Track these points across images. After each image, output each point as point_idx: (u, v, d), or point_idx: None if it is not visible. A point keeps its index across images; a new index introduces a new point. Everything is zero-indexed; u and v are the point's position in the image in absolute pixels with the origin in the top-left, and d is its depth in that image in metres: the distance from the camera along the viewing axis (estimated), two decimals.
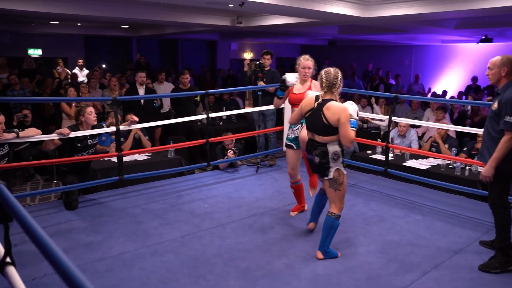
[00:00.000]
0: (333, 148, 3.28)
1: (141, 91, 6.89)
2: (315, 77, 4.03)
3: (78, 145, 4.50)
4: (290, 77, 4.16)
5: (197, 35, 14.28)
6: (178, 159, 5.76)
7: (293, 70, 7.51)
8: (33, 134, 4.23)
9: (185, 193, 4.97)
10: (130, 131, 5.81)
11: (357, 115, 3.25)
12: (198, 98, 7.51)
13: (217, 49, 17.02)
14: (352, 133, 3.16)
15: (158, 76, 8.42)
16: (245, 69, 6.61)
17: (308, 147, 3.42)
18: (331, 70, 3.31)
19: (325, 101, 3.24)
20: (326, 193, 3.44)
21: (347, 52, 17.17)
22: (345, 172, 3.34)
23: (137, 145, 5.85)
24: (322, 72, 3.32)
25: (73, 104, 6.46)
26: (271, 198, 4.84)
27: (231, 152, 6.00)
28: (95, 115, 4.62)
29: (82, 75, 10.03)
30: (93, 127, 4.63)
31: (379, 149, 6.10)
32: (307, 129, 3.42)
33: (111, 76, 8.73)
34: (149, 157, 5.65)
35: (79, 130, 4.50)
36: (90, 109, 4.54)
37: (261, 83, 6.20)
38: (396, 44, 15.62)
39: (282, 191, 5.10)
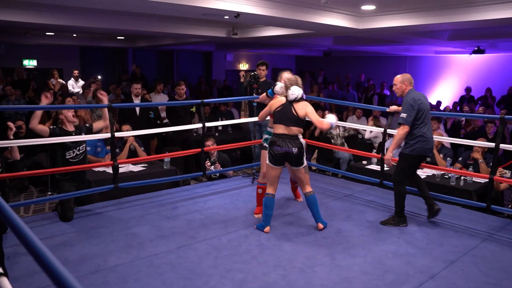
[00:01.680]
0: (302, 141, 4.07)
1: (137, 102, 6.90)
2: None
3: (70, 143, 4.49)
4: (278, 87, 4.52)
5: (193, 46, 14.36)
6: (174, 170, 5.75)
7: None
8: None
9: (181, 205, 4.95)
10: (125, 142, 5.82)
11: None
12: (194, 109, 7.52)
13: (213, 60, 17.11)
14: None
15: (157, 86, 8.44)
16: (241, 80, 6.63)
17: (280, 142, 3.99)
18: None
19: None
20: (301, 179, 4.17)
21: (342, 63, 17.30)
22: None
23: (133, 156, 5.85)
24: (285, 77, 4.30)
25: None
26: None
27: (209, 163, 6.03)
28: (73, 112, 4.61)
29: (77, 86, 10.03)
30: (78, 127, 4.61)
31: (374, 160, 6.13)
32: (277, 123, 4.05)
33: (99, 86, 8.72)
34: (144, 168, 5.64)
35: (63, 128, 4.48)
36: (65, 110, 4.58)
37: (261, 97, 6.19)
38: (391, 55, 15.77)
39: (277, 202, 5.09)
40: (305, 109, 4.02)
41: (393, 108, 5.03)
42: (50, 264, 1.05)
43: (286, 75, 4.47)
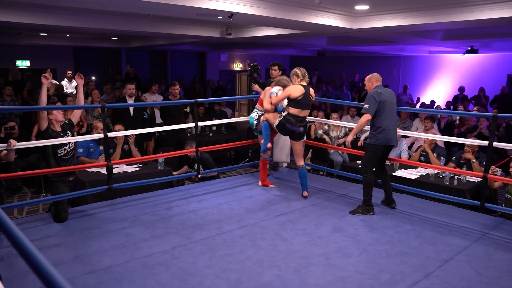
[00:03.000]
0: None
1: (131, 102, 6.88)
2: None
3: (57, 134, 4.45)
4: (274, 89, 5.31)
5: (187, 46, 14.34)
6: (168, 170, 5.73)
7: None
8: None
9: (175, 205, 4.94)
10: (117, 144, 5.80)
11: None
12: (188, 109, 7.51)
13: (207, 60, 17.09)
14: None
15: (152, 87, 8.42)
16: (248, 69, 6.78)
17: (296, 123, 4.97)
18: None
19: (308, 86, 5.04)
20: (299, 152, 5.18)
21: (336, 63, 17.34)
22: None
23: (127, 157, 5.82)
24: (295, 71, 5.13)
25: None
26: (262, 209, 4.83)
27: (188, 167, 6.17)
28: (62, 112, 4.58)
29: (71, 86, 9.99)
30: (63, 125, 4.57)
31: None
32: (302, 108, 4.97)
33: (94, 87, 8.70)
34: (138, 168, 5.62)
35: (53, 129, 4.45)
36: (55, 111, 4.56)
37: (256, 86, 6.28)
38: (385, 55, 15.82)
39: (272, 201, 5.10)
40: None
41: None
42: (40, 266, 1.04)
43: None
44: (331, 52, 15.91)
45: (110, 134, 4.80)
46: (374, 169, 4.71)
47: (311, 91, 5.08)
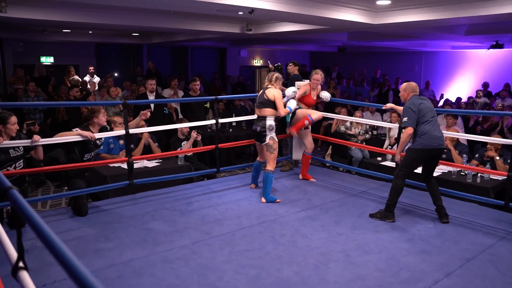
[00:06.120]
0: (269, 122, 4.93)
1: (151, 98, 6.95)
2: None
3: (92, 142, 4.53)
4: (288, 91, 5.49)
5: (207, 42, 14.37)
6: (188, 165, 5.78)
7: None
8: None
9: (195, 200, 4.97)
10: (140, 138, 5.86)
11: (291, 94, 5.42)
12: (208, 105, 7.54)
13: (227, 56, 17.09)
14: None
15: (172, 82, 8.47)
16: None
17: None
18: (271, 73, 5.17)
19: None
20: (264, 156, 5.06)
21: (357, 59, 17.14)
22: (276, 140, 4.96)
23: (147, 152, 5.88)
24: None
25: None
26: (281, 205, 4.83)
27: (195, 132, 6.12)
28: (105, 117, 4.73)
29: (93, 82, 10.11)
30: (101, 130, 4.68)
31: (389, 156, 6.07)
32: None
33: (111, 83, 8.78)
34: (159, 164, 5.68)
35: (90, 131, 4.54)
36: (104, 112, 4.70)
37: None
38: (406, 51, 15.56)
39: (291, 198, 5.09)
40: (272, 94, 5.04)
41: (389, 105, 5.25)
42: (66, 258, 1.06)
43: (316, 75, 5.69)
44: (352, 48, 15.73)
45: (131, 131, 4.85)
46: (408, 175, 4.45)
47: (266, 91, 5.02)
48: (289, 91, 5.47)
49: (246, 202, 4.94)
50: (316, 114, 5.62)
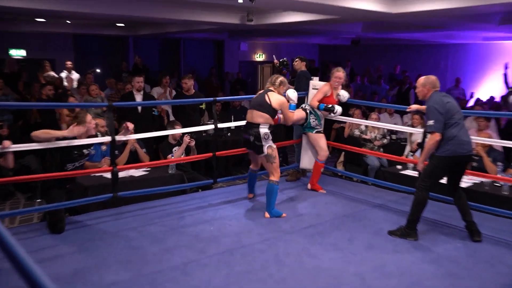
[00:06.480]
0: (263, 130, 4.86)
1: (139, 98, 6.93)
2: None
3: (75, 152, 4.50)
4: (291, 95, 5.51)
5: (202, 34, 14.43)
6: (180, 175, 5.77)
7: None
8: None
9: (188, 214, 4.96)
10: (125, 143, 5.85)
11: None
12: (203, 106, 7.54)
13: (225, 50, 17.15)
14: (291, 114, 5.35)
15: (162, 80, 8.47)
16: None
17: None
18: (275, 76, 5.18)
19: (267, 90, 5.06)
20: (258, 163, 5.19)
21: (373, 53, 17.16)
22: (274, 147, 4.91)
23: (134, 159, 5.88)
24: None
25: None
26: (286, 220, 4.82)
27: (188, 137, 6.06)
28: (94, 124, 4.67)
29: (72, 79, 10.10)
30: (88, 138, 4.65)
31: (410, 164, 6.06)
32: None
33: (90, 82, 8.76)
34: (147, 172, 5.67)
35: (75, 138, 4.50)
36: (90, 117, 4.59)
37: None
38: (430, 43, 15.55)
39: (298, 212, 5.07)
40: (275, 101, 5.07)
41: (414, 107, 5.18)
42: (38, 282, 1.05)
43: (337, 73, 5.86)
44: (367, 40, 15.76)
45: (118, 138, 4.83)
46: (432, 186, 4.39)
47: (268, 94, 4.99)
48: (293, 95, 5.49)
49: (247, 216, 4.93)
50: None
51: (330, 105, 5.78)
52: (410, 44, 15.88)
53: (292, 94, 5.47)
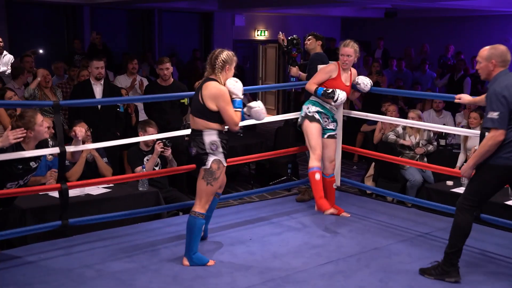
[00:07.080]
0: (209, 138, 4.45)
1: (98, 89, 6.94)
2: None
3: (20, 167, 4.50)
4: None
5: (184, 3, 14.44)
6: (155, 193, 5.78)
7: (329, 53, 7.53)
8: None
9: (163, 246, 4.97)
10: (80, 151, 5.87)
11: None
12: (186, 101, 7.53)
13: (214, 24, 17.15)
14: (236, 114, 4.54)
15: (128, 65, 8.48)
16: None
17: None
18: (217, 51, 4.79)
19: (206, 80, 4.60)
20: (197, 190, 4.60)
21: (415, 29, 17.11)
22: (224, 164, 4.53)
23: (91, 172, 5.88)
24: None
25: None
26: (297, 253, 4.83)
27: (160, 144, 6.10)
28: (47, 126, 4.66)
29: (2, 62, 10.06)
30: (38, 146, 4.64)
31: (465, 180, 6.07)
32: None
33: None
34: (109, 190, 5.68)
35: (22, 148, 4.49)
36: (40, 118, 4.55)
37: (294, 69, 6.63)
38: (494, 13, 15.48)
39: (313, 242, 5.08)
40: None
41: (465, 97, 5.17)
42: None
43: None
44: (406, 12, 15.74)
45: (69, 149, 4.81)
46: (479, 206, 4.36)
47: (202, 89, 4.58)
48: (234, 87, 4.65)
49: (243, 249, 4.94)
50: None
51: (329, 90, 5.56)
52: (467, 15, 15.78)
53: (234, 85, 4.62)
